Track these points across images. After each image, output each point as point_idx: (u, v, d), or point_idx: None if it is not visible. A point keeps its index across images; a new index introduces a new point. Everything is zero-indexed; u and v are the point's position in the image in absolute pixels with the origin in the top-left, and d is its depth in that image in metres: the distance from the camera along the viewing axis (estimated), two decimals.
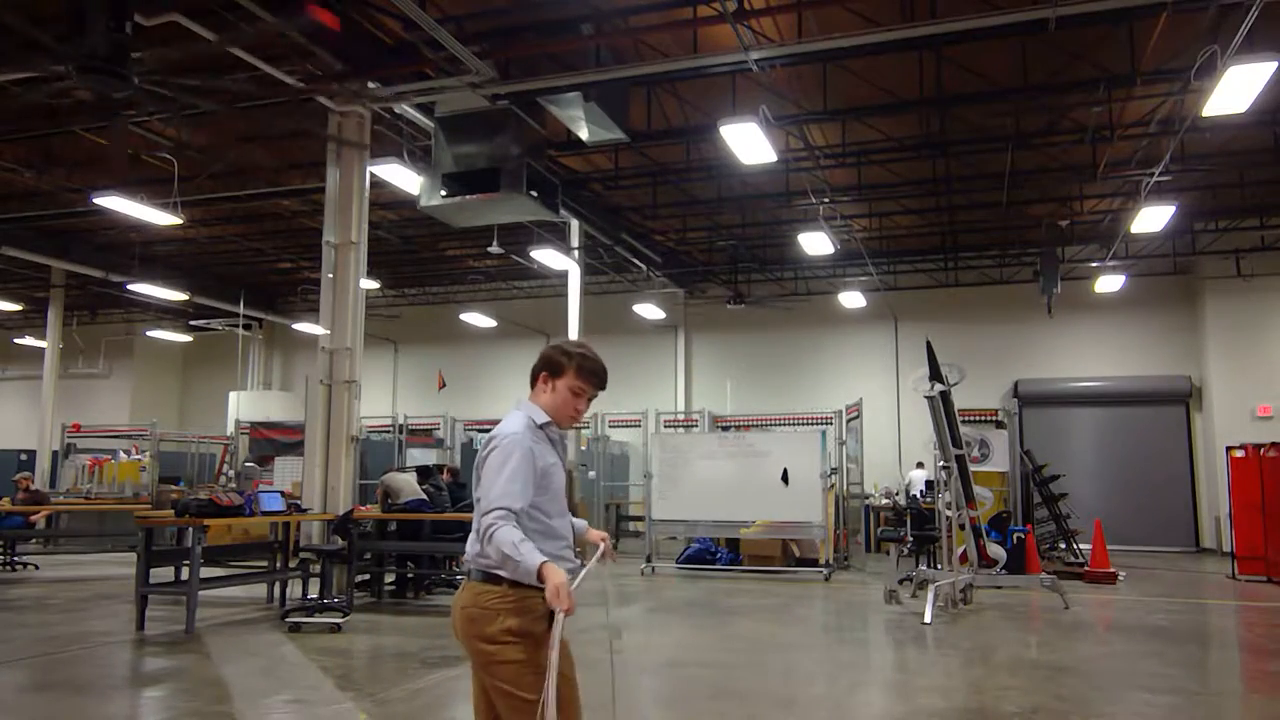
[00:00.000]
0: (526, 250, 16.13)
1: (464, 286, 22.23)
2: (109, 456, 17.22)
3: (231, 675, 6.41)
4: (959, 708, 5.67)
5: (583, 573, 2.84)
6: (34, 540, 15.58)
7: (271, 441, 16.28)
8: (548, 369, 2.92)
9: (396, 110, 10.71)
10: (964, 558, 10.07)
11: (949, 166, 14.16)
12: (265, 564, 9.79)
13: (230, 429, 19.29)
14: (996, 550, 10.81)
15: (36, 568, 13.16)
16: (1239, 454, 12.64)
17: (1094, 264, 17.05)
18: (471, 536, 2.77)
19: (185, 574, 8.56)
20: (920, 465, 16.62)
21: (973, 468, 10.56)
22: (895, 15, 9.25)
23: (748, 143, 10.20)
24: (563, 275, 17.60)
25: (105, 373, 24.38)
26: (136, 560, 8.43)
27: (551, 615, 2.57)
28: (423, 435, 16.78)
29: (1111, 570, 12.21)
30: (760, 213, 16.53)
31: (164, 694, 6.04)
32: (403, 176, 11.23)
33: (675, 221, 17.46)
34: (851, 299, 18.85)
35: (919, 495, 15.88)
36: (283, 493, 9.86)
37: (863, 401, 14.31)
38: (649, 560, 13.17)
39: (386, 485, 10.58)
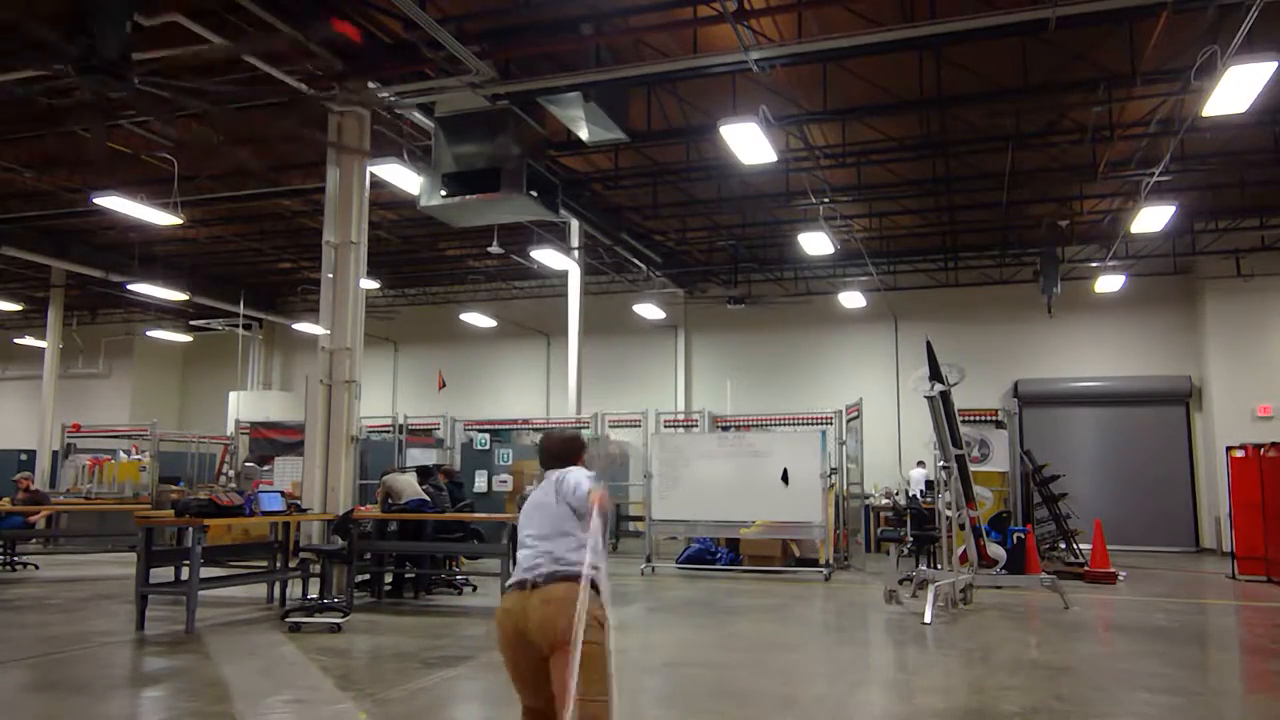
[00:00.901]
0: (526, 250, 16.12)
1: (464, 286, 22.24)
2: (109, 456, 17.23)
3: (231, 675, 6.41)
4: (959, 708, 5.67)
5: None
6: (34, 540, 15.57)
7: (271, 441, 16.29)
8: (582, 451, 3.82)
9: (396, 110, 10.71)
10: (964, 558, 10.07)
11: (949, 166, 14.17)
12: (265, 564, 9.79)
13: (230, 429, 19.28)
14: (996, 550, 10.81)
15: (36, 568, 13.16)
16: (1239, 454, 12.64)
17: (1094, 264, 17.05)
18: (565, 546, 3.41)
19: (185, 574, 8.56)
20: (920, 464, 16.62)
21: (973, 468, 10.56)
22: (895, 15, 9.27)
23: (748, 143, 10.19)
24: (563, 275, 17.61)
25: (105, 373, 24.38)
26: (136, 560, 8.43)
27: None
28: (423, 435, 16.78)
29: (1111, 570, 12.21)
30: (760, 213, 16.52)
31: (164, 694, 6.04)
32: (403, 176, 11.23)
33: (675, 221, 17.46)
34: (851, 299, 18.85)
35: (919, 495, 15.89)
36: (283, 493, 9.85)
37: (863, 401, 14.29)
38: (649, 560, 13.17)
39: (388, 486, 10.57)
